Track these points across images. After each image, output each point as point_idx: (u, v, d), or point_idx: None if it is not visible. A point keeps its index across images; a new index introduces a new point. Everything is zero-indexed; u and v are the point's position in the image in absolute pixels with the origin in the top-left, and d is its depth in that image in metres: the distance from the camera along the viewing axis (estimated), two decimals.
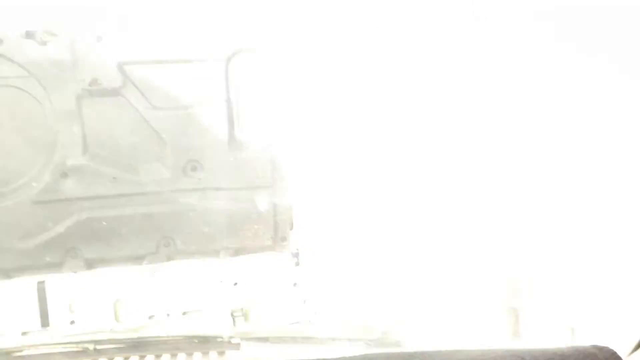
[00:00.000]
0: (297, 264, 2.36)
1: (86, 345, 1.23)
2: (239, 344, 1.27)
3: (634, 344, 1.07)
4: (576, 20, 2.00)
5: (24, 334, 2.04)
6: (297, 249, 2.36)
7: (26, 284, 2.10)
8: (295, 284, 2.38)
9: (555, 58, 2.13)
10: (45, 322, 2.11)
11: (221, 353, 1.29)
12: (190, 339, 1.42)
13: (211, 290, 2.29)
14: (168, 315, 2.25)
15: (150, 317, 2.24)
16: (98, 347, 1.24)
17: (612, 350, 1.04)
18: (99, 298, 2.18)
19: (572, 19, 2.01)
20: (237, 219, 2.29)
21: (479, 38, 2.27)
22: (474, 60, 2.29)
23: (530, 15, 2.14)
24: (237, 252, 2.32)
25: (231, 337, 1.28)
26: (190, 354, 1.30)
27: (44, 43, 1.96)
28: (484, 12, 2.27)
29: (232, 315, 2.30)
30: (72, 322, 2.14)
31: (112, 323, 2.19)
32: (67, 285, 2.14)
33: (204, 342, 1.37)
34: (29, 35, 1.95)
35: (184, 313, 2.27)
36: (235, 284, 2.31)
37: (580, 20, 1.99)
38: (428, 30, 2.27)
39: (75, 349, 1.28)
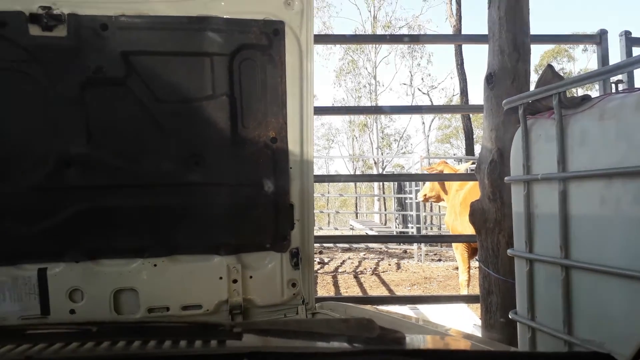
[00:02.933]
0: (297, 263, 2.35)
1: (88, 327, 1.23)
2: (240, 333, 1.26)
3: (633, 351, 1.05)
4: None
5: (24, 319, 2.03)
6: (297, 249, 2.36)
7: (27, 271, 2.09)
8: (294, 284, 2.37)
9: None
10: (45, 311, 2.10)
11: (221, 342, 1.29)
12: (191, 325, 1.41)
13: (210, 286, 2.28)
14: (168, 309, 2.24)
15: (149, 311, 2.23)
16: (100, 329, 1.23)
17: (613, 357, 1.01)
18: (100, 289, 2.17)
19: None
20: (238, 216, 2.29)
21: None
22: None
23: None
24: (237, 249, 2.31)
25: (233, 327, 1.28)
26: (191, 342, 1.29)
27: (49, 28, 1.96)
28: None
29: (230, 312, 2.29)
30: (73, 312, 2.14)
31: (112, 314, 2.18)
32: (68, 274, 2.13)
33: (205, 329, 1.36)
34: (33, 19, 1.95)
35: (184, 308, 2.26)
36: (235, 281, 2.30)
37: None
38: None
39: (76, 330, 1.27)
